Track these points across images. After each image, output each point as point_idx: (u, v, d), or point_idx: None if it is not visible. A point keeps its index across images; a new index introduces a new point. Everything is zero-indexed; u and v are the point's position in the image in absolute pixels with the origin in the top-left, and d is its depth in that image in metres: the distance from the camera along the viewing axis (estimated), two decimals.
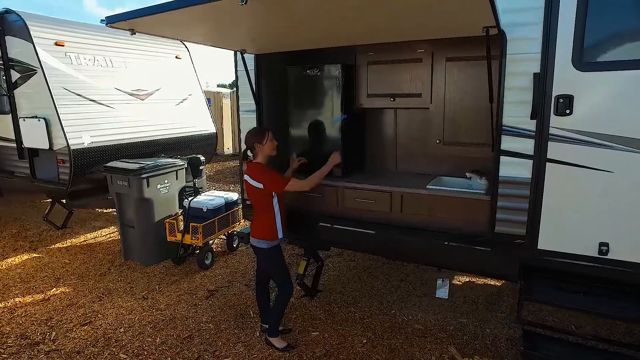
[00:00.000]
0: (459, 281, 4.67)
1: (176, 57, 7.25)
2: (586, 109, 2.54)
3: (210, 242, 5.30)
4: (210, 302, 4.33)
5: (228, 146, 13.46)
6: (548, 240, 2.78)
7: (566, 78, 2.55)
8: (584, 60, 2.50)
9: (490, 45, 2.92)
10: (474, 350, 3.39)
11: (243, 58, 3.43)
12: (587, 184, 2.62)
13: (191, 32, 2.83)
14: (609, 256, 2.63)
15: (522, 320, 2.74)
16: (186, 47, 7.55)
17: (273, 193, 3.20)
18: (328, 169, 3.36)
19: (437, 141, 3.40)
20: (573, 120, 2.58)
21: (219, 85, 23.13)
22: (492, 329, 3.69)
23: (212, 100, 12.93)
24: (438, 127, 3.38)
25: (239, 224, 5.72)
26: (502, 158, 2.82)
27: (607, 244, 2.63)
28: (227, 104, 13.67)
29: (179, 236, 5.07)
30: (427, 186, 3.32)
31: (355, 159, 4.02)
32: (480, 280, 4.64)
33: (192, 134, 6.93)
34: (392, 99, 3.58)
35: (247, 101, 3.83)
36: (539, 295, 2.74)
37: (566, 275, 2.79)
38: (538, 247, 2.81)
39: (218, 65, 63.99)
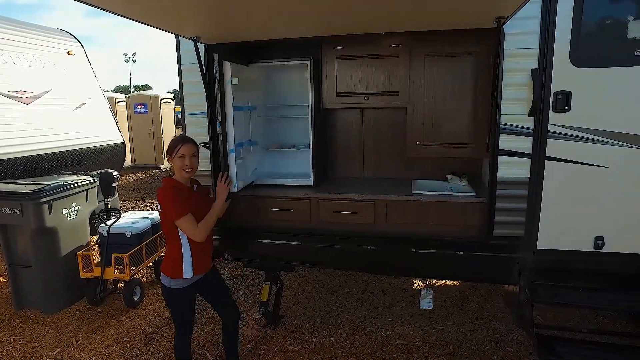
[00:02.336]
0: (419, 286, 4.57)
1: (68, 53, 6.00)
2: (583, 105, 2.54)
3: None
4: (152, 349, 3.52)
5: (125, 157, 11.85)
6: (547, 239, 2.74)
7: (564, 74, 2.52)
8: (581, 56, 2.49)
9: (481, 41, 2.81)
10: None
11: (197, 47, 2.80)
12: (584, 180, 2.63)
13: (134, 4, 2.13)
14: (605, 249, 2.67)
15: (530, 325, 2.63)
16: (79, 41, 6.32)
17: None
18: (220, 204, 2.72)
19: (417, 142, 3.19)
20: (571, 116, 2.56)
21: None
22: (472, 333, 3.61)
23: None
24: (418, 128, 3.17)
25: None
26: (501, 158, 2.70)
27: (602, 238, 2.67)
28: (121, 110, 12.08)
29: (97, 271, 4.09)
30: (413, 192, 3.08)
31: (324, 166, 3.64)
32: (439, 282, 4.60)
33: (95, 144, 5.78)
34: (365, 98, 3.27)
35: (196, 102, 3.17)
36: (545, 296, 2.68)
37: (564, 272, 2.78)
38: (537, 247, 2.75)
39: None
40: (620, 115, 2.51)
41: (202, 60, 2.97)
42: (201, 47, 2.97)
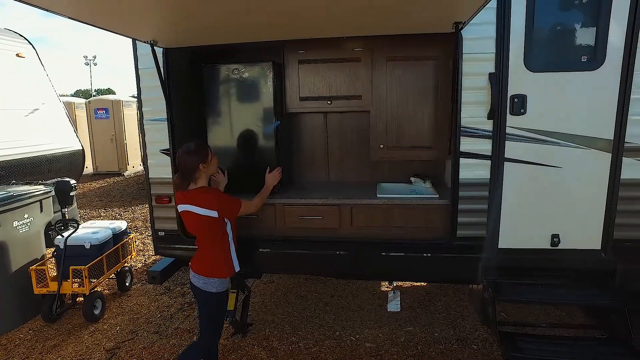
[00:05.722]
0: (387, 287, 4.60)
1: (17, 55, 5.69)
2: (538, 108, 2.63)
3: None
4: None
5: (86, 164, 11.38)
6: (507, 238, 2.81)
7: (519, 78, 2.61)
8: (534, 61, 2.58)
9: (442, 45, 2.86)
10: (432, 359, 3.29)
11: (154, 52, 2.71)
12: (540, 180, 2.72)
13: (83, 6, 2.02)
14: (560, 246, 2.78)
15: (493, 322, 2.70)
16: (30, 42, 6.01)
17: (226, 219, 2.62)
18: (268, 191, 3.00)
19: (381, 146, 3.21)
20: (527, 119, 2.64)
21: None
22: (439, 332, 3.66)
23: None
24: (381, 131, 3.20)
25: (130, 258, 4.70)
26: (462, 160, 2.75)
27: (558, 235, 2.77)
28: (81, 115, 11.59)
29: (52, 285, 3.87)
30: (378, 195, 3.10)
31: (289, 171, 3.61)
32: (407, 284, 4.65)
33: (50, 152, 5.50)
34: (329, 102, 3.27)
35: (155, 107, 3.08)
36: (507, 294, 2.75)
37: (524, 270, 2.86)
38: (499, 247, 2.82)
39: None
40: (571, 117, 2.62)
41: (161, 64, 2.88)
42: (159, 50, 2.88)
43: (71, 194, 4.69)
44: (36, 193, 4.10)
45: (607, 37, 2.46)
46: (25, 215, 3.96)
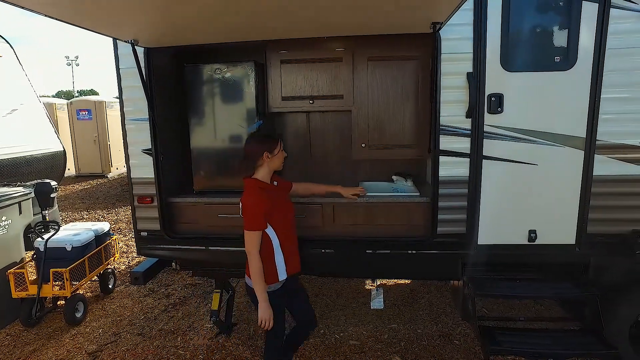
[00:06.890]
0: (371, 285, 4.64)
1: None
2: (514, 106, 2.70)
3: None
4: None
5: (69, 166, 11.18)
6: (486, 235, 2.88)
7: (496, 77, 2.67)
8: (510, 61, 2.65)
9: (422, 45, 2.92)
10: (416, 355, 3.34)
11: (135, 51, 2.69)
12: (517, 177, 2.79)
13: (59, 3, 2.00)
14: (537, 242, 2.85)
15: (473, 318, 2.75)
16: (7, 42, 5.89)
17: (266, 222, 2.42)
18: (262, 291, 2.41)
19: (363, 145, 3.25)
20: (504, 117, 2.71)
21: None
22: (422, 329, 3.71)
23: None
24: (362, 130, 3.23)
25: (113, 259, 4.65)
26: (441, 158, 2.80)
27: (534, 231, 2.84)
28: (63, 117, 11.38)
29: (32, 289, 3.81)
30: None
31: None
32: (391, 282, 4.71)
33: (30, 153, 5.40)
34: (311, 102, 3.29)
35: (137, 107, 3.06)
36: (487, 290, 2.81)
37: (503, 265, 2.93)
38: (478, 243, 2.88)
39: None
40: (546, 116, 2.70)
41: (142, 64, 2.87)
42: (140, 50, 2.87)
43: (52, 195, 4.63)
44: (14, 195, 4.03)
45: (579, 39, 2.55)
46: (3, 218, 3.89)
